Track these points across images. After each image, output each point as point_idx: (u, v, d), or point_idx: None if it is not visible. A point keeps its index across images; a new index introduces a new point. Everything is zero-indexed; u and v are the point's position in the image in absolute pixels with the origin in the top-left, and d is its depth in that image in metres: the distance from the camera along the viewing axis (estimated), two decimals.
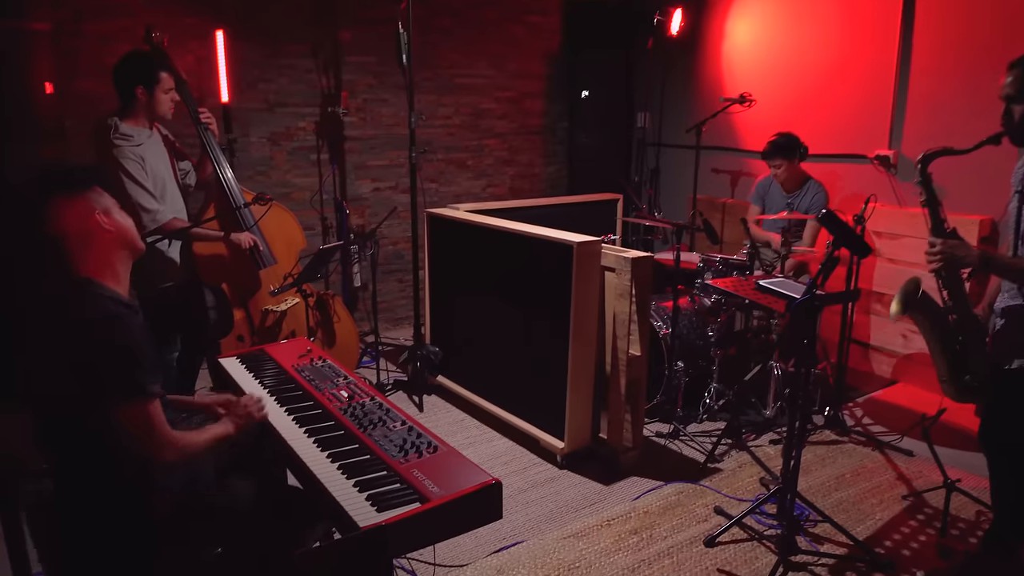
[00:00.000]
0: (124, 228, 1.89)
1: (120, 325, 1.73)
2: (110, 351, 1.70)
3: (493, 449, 3.76)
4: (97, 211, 1.82)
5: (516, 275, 3.72)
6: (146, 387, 1.74)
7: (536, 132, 6.42)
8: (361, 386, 2.41)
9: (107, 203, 1.87)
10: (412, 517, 1.64)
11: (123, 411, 1.72)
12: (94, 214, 1.81)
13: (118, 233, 1.86)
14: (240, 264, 3.69)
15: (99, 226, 1.81)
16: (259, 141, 5.12)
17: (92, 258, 1.82)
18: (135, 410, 1.73)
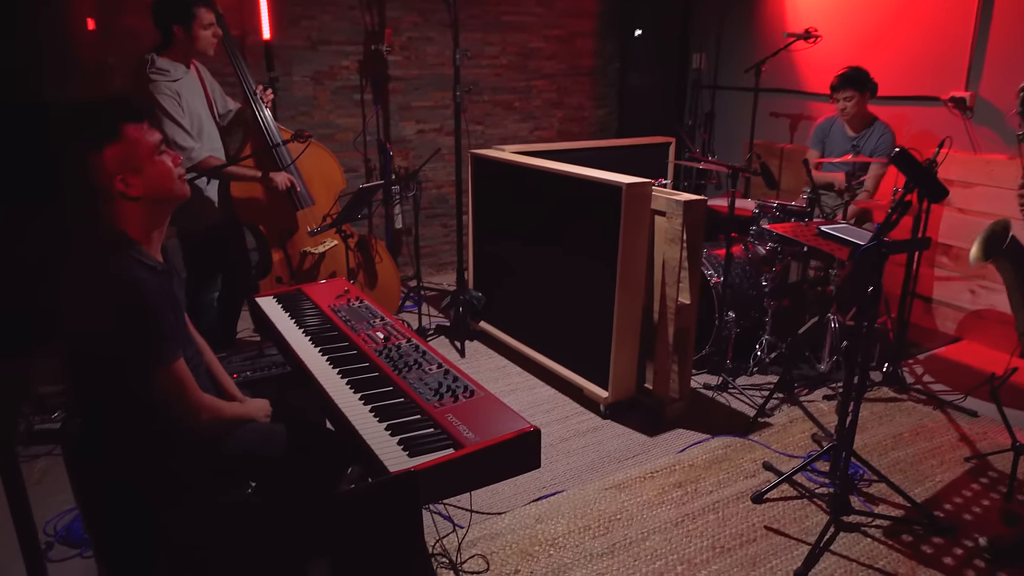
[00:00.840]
0: (155, 189, 1.72)
1: (140, 289, 1.63)
2: (130, 318, 1.63)
3: (535, 397, 3.68)
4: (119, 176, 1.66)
5: (562, 219, 3.58)
6: (164, 354, 1.67)
7: (586, 73, 6.18)
8: (398, 328, 2.33)
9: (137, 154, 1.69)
10: (445, 463, 1.56)
11: (149, 378, 1.67)
12: (115, 180, 1.67)
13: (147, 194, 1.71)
14: (277, 204, 3.63)
15: (122, 192, 1.68)
16: (302, 80, 5.01)
17: (120, 212, 1.72)
18: (158, 377, 1.68)
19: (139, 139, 1.70)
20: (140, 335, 1.64)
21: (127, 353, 1.64)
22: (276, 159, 3.58)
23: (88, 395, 1.77)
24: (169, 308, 1.71)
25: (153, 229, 1.79)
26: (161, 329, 1.66)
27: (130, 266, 1.67)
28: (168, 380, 1.69)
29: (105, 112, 1.67)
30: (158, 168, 1.73)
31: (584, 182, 3.37)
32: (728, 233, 3.68)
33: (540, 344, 3.88)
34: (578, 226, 3.47)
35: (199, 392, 1.76)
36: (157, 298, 1.67)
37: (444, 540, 2.51)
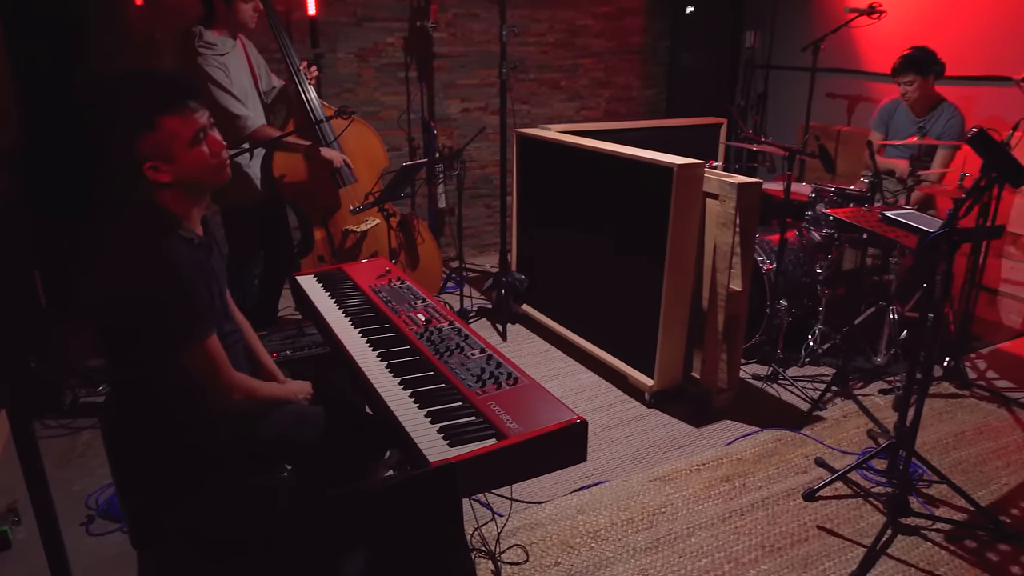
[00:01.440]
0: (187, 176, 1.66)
1: (174, 263, 1.60)
2: (163, 294, 1.59)
3: (578, 383, 3.59)
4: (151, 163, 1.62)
5: (610, 200, 3.47)
6: (198, 333, 1.63)
7: (635, 52, 6.01)
8: (440, 310, 2.26)
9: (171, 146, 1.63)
10: (486, 455, 1.49)
11: (181, 356, 1.63)
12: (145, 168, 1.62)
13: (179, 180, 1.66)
14: (319, 182, 3.58)
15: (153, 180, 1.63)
16: (346, 57, 4.96)
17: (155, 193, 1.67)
18: (191, 354, 1.63)
19: (175, 130, 1.63)
20: (171, 310, 1.60)
21: (158, 328, 1.60)
22: (320, 136, 3.53)
23: (121, 371, 1.73)
24: (204, 283, 1.67)
25: (192, 206, 1.75)
26: (193, 305, 1.62)
27: (167, 239, 1.63)
28: (199, 357, 1.64)
29: (141, 101, 1.61)
30: (193, 157, 1.66)
31: (633, 163, 3.25)
32: (782, 218, 3.53)
33: (584, 329, 3.78)
34: (626, 208, 3.36)
35: (232, 371, 1.72)
36: (191, 272, 1.63)
37: (483, 529, 2.44)
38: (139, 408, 1.73)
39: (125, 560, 2.25)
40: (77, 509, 2.67)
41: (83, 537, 2.53)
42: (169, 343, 1.61)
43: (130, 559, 1.87)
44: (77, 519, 2.62)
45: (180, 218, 1.70)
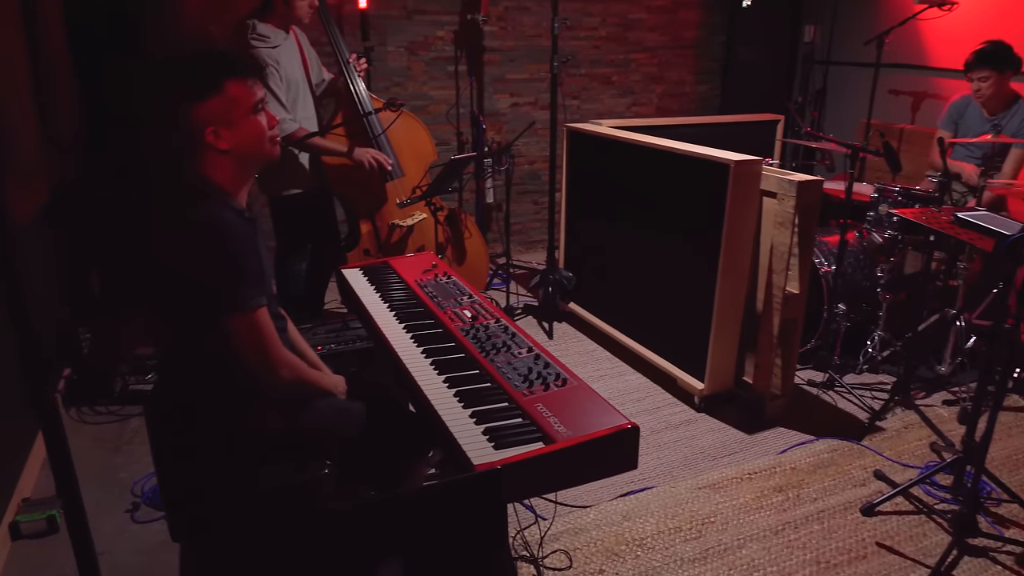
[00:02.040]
0: (244, 146, 1.68)
1: (228, 232, 1.59)
2: (214, 258, 1.58)
3: (625, 384, 3.50)
4: (211, 127, 1.63)
5: (662, 198, 3.37)
6: (247, 300, 1.60)
7: (689, 46, 5.87)
8: (486, 306, 2.20)
9: (233, 111, 1.65)
10: (533, 460, 1.42)
11: (228, 324, 1.59)
12: (207, 132, 1.63)
13: (235, 150, 1.67)
14: (368, 175, 3.55)
15: (212, 144, 1.64)
16: (396, 50, 4.93)
17: (209, 163, 1.67)
18: (239, 323, 1.60)
19: (238, 96, 1.66)
20: (221, 276, 1.58)
21: (207, 295, 1.58)
22: (368, 128, 3.51)
23: (168, 350, 1.71)
24: (253, 255, 1.65)
25: (241, 183, 1.74)
26: (243, 272, 1.60)
27: (218, 209, 1.63)
28: (247, 328, 1.60)
29: (210, 65, 1.65)
30: (252, 126, 1.69)
31: (687, 159, 3.15)
32: (843, 219, 3.38)
33: (632, 329, 3.69)
34: (679, 206, 3.26)
35: (280, 347, 1.67)
36: (242, 242, 1.61)
37: (525, 532, 2.38)
38: (183, 393, 1.71)
39: (168, 548, 2.25)
40: (123, 496, 2.69)
41: (128, 524, 2.54)
42: (216, 307, 1.59)
43: (173, 548, 1.86)
44: (123, 506, 2.64)
45: (230, 194, 1.69)
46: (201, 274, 1.57)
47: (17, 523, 2.48)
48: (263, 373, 1.64)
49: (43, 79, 3.41)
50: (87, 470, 2.86)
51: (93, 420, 3.21)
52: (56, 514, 2.53)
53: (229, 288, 1.58)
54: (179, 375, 1.72)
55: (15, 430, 2.74)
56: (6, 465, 2.62)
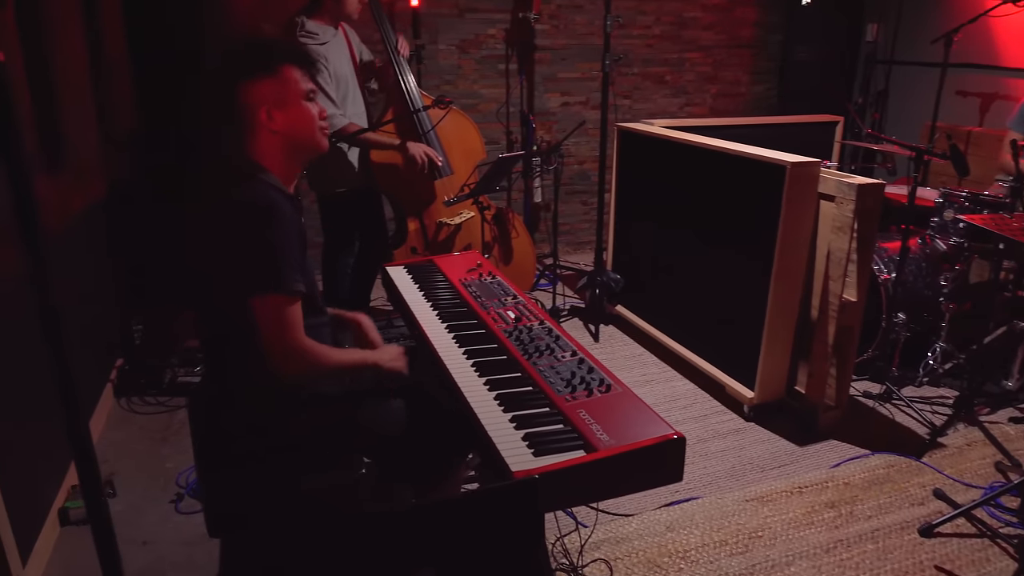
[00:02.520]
0: (295, 130, 1.70)
1: (274, 214, 1.60)
2: (259, 238, 1.58)
3: (672, 390, 3.42)
4: (266, 106, 1.66)
5: (714, 200, 3.29)
6: (284, 282, 1.58)
7: (745, 45, 5.73)
8: (530, 308, 2.16)
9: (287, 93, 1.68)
10: (573, 468, 1.37)
11: (258, 302, 1.58)
12: (260, 110, 1.66)
13: (286, 133, 1.69)
14: (416, 172, 3.54)
15: (264, 124, 1.67)
16: (447, 49, 4.93)
17: (261, 145, 1.70)
18: (269, 303, 1.58)
19: (293, 80, 1.70)
20: (261, 254, 1.58)
21: (245, 273, 1.58)
22: (417, 125, 3.50)
23: (209, 345, 1.72)
24: (296, 239, 1.65)
25: (289, 172, 1.76)
26: (284, 253, 1.59)
27: (264, 188, 1.65)
28: (274, 309, 1.58)
29: (268, 49, 1.71)
30: (304, 111, 1.72)
31: (741, 160, 3.06)
32: (904, 224, 3.24)
33: (680, 334, 3.61)
34: (732, 208, 3.17)
35: (301, 338, 1.62)
36: (288, 224, 1.62)
37: (565, 539, 2.33)
38: (224, 388, 1.71)
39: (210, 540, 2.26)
40: (169, 486, 2.72)
41: (172, 515, 2.57)
42: (251, 285, 1.58)
43: (214, 540, 1.86)
44: (168, 496, 2.67)
45: (278, 178, 1.71)
46: (241, 252, 1.58)
47: (66, 509, 2.53)
48: (278, 361, 1.61)
49: (102, 79, 3.49)
50: (135, 460, 2.91)
51: (143, 410, 3.27)
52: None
53: (268, 267, 1.57)
54: (220, 369, 1.72)
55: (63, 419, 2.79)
56: (57, 452, 2.67)
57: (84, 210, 3.21)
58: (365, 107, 3.50)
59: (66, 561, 2.38)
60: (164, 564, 2.35)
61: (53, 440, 2.64)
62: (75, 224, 3.06)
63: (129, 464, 2.88)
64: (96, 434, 3.08)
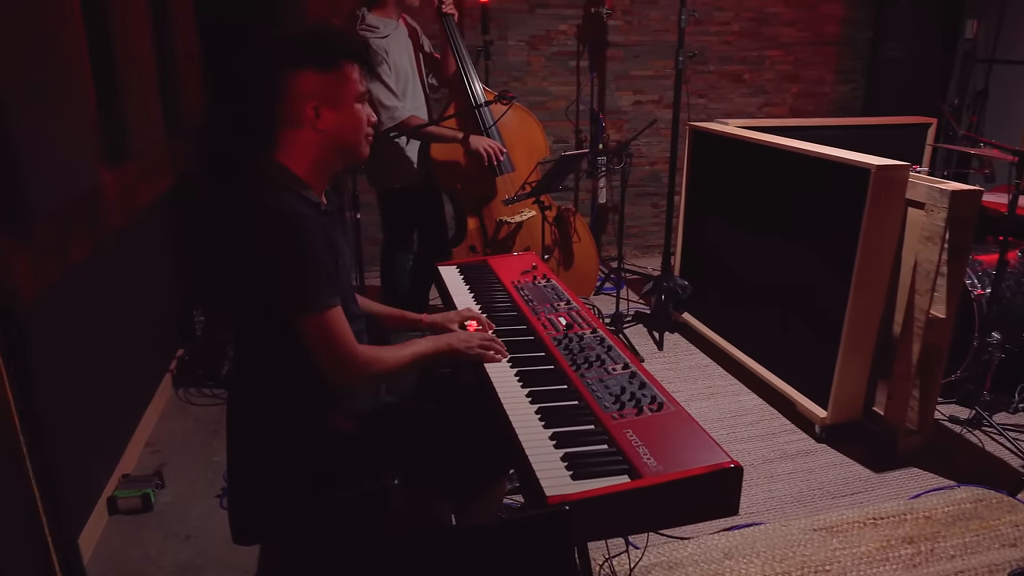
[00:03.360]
0: (342, 132, 1.59)
1: (298, 226, 1.48)
2: (286, 255, 1.47)
3: (738, 405, 3.23)
4: (314, 102, 1.54)
5: (791, 204, 3.08)
6: (317, 300, 1.49)
7: (830, 43, 5.43)
8: (584, 315, 2.03)
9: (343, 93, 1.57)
10: (614, 496, 1.24)
11: (297, 324, 1.50)
12: (308, 104, 1.54)
13: (332, 134, 1.58)
14: (476, 169, 3.45)
15: (310, 120, 1.55)
16: (517, 45, 4.83)
17: (298, 144, 1.58)
18: (308, 323, 1.50)
19: (352, 80, 1.58)
20: (289, 270, 1.47)
21: (274, 290, 1.49)
22: (479, 120, 3.41)
23: (242, 344, 1.65)
24: (327, 251, 1.54)
25: (319, 177, 1.63)
26: (312, 268, 1.49)
27: (290, 199, 1.53)
28: (317, 329, 1.50)
29: (332, 41, 1.58)
30: (355, 114, 1.60)
31: (821, 162, 2.85)
32: (1003, 235, 2.96)
33: (749, 345, 3.41)
34: (810, 214, 2.97)
35: (354, 347, 1.55)
36: (315, 238, 1.50)
37: (614, 560, 2.19)
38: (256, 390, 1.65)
39: None
40: (216, 480, 2.71)
41: (216, 510, 2.55)
42: (283, 304, 1.49)
43: None
44: (214, 490, 2.66)
45: (307, 184, 1.59)
46: (269, 267, 1.48)
47: (115, 498, 2.54)
48: (334, 375, 1.54)
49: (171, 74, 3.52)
50: (187, 451, 2.91)
51: (198, 401, 3.29)
52: (151, 492, 2.57)
53: (297, 285, 1.48)
54: (253, 371, 1.65)
55: (121, 408, 2.82)
56: (109, 443, 2.69)
57: (151, 202, 3.24)
58: (426, 102, 3.44)
59: (110, 550, 2.38)
60: (205, 560, 2.32)
61: (107, 428, 2.66)
62: (141, 215, 3.09)
63: (181, 455, 2.89)
64: (152, 423, 3.11)
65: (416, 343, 1.72)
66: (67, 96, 2.26)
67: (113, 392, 2.75)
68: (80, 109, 2.33)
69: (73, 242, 2.33)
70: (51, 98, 2.13)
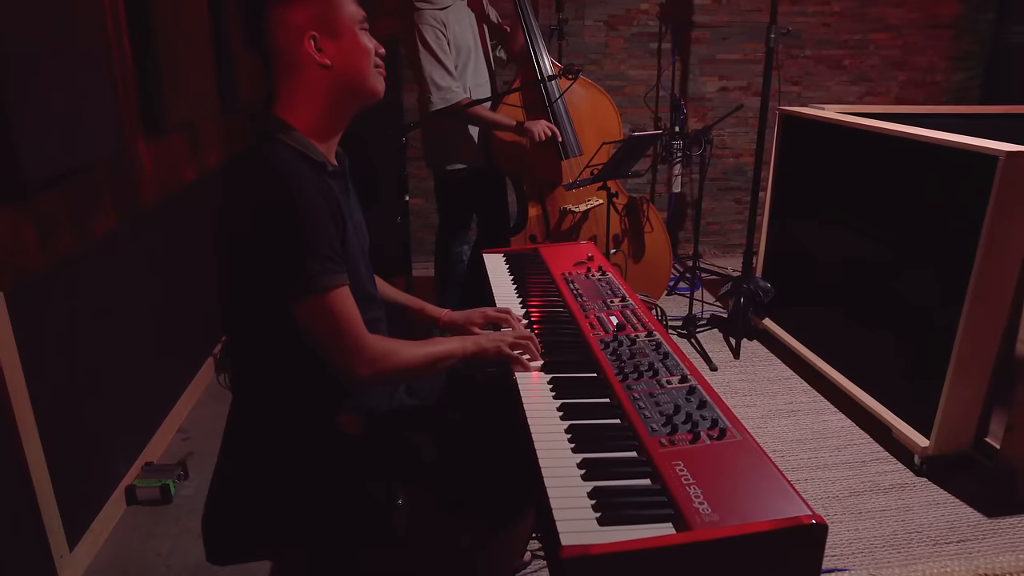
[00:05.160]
0: (350, 63, 1.33)
1: (291, 186, 1.22)
2: (272, 218, 1.22)
3: (822, 426, 2.85)
4: (312, 32, 1.29)
5: (895, 200, 2.68)
6: (316, 278, 1.23)
7: (944, 25, 4.88)
8: (641, 314, 1.73)
9: (337, 18, 1.32)
10: (652, 552, 0.95)
11: (294, 308, 1.25)
12: (305, 37, 1.29)
13: (340, 67, 1.32)
14: (541, 152, 3.18)
15: (311, 57, 1.30)
16: (594, 25, 4.52)
17: (301, 88, 1.33)
18: (308, 308, 1.24)
19: (341, 2, 1.33)
20: (284, 244, 1.22)
21: (267, 269, 1.24)
22: (544, 95, 3.13)
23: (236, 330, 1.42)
24: (331, 218, 1.27)
25: (328, 127, 1.37)
26: (314, 240, 1.23)
27: (286, 155, 1.27)
28: (318, 312, 1.25)
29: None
30: (358, 40, 1.34)
31: (935, 149, 2.45)
32: None
33: (838, 358, 3.01)
34: (917, 211, 2.56)
35: (363, 335, 1.30)
36: (314, 200, 1.24)
37: None
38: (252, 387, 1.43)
39: None
40: None
41: None
42: (278, 285, 1.24)
43: None
44: None
45: (309, 140, 1.34)
46: (257, 238, 1.23)
47: (134, 487, 2.39)
48: (337, 364, 1.29)
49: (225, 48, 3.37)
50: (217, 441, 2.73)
51: None
52: (171, 483, 2.41)
53: (292, 259, 1.22)
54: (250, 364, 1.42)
55: (151, 394, 2.68)
56: (135, 427, 2.55)
57: (197, 179, 3.11)
58: (490, 78, 3.19)
59: (122, 542, 2.23)
60: None
61: (132, 414, 2.52)
62: (184, 192, 2.95)
63: (211, 445, 2.70)
64: (188, 408, 2.97)
65: (439, 341, 1.46)
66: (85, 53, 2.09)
67: (146, 374, 2.61)
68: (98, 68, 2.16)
69: (91, 215, 2.18)
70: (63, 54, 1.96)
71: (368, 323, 1.35)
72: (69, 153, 1.95)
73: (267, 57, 1.33)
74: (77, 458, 2.13)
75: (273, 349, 1.35)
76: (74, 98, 1.98)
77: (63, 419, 2.04)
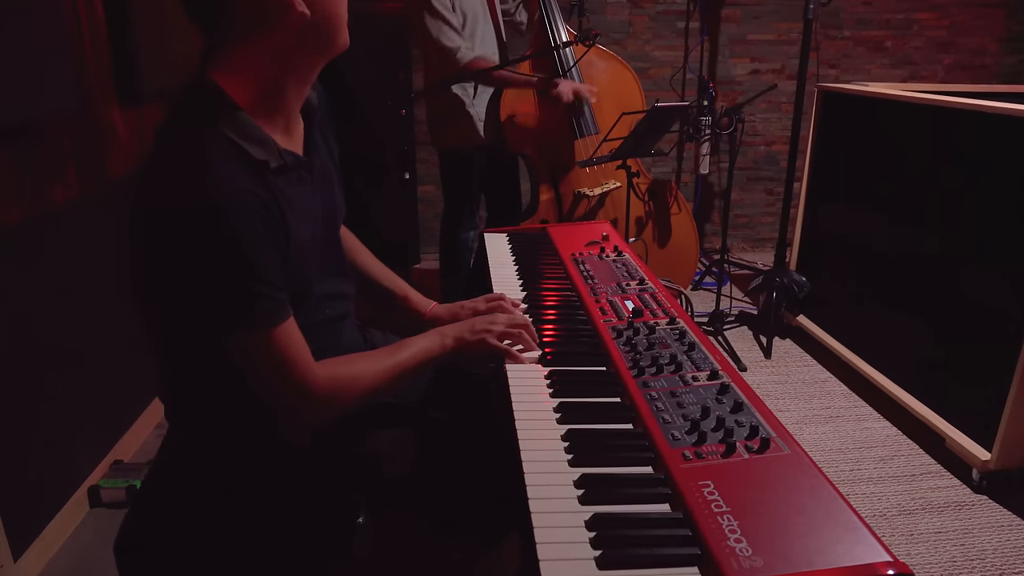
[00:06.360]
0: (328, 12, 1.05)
1: (230, 212, 0.95)
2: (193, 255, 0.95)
3: (865, 434, 2.55)
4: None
5: (946, 185, 2.39)
6: (255, 313, 0.98)
7: (995, 3, 4.54)
8: (662, 298, 1.46)
9: None
10: None
11: (228, 344, 1.00)
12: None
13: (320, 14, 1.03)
14: (554, 129, 2.91)
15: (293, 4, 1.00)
16: (617, 2, 4.25)
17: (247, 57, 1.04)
18: (244, 346, 1.00)
19: None
20: (217, 280, 0.97)
21: (197, 303, 0.99)
22: (558, 65, 2.87)
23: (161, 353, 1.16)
24: (270, 235, 1.00)
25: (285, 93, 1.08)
26: (249, 265, 0.97)
27: (221, 163, 0.97)
28: (253, 351, 1.00)
29: None
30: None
31: (997, 120, 2.15)
32: None
33: (882, 359, 2.71)
34: (974, 197, 2.27)
35: (306, 367, 1.04)
36: (246, 227, 0.96)
37: None
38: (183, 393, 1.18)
39: None
40: None
41: None
42: (211, 326, 1.00)
43: None
44: None
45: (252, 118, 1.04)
46: (186, 273, 0.96)
47: (98, 488, 2.17)
48: (283, 410, 1.06)
49: None
50: None
51: None
52: (138, 484, 2.18)
53: (221, 297, 0.97)
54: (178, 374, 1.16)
55: (123, 386, 2.44)
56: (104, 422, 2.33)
57: None
58: (500, 50, 2.93)
59: (82, 548, 2.01)
60: None
61: (100, 407, 2.29)
62: None
63: None
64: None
65: (408, 345, 1.21)
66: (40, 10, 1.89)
67: (118, 364, 2.38)
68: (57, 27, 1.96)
69: (49, 181, 1.96)
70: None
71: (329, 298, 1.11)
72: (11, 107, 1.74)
73: (217, 5, 1.05)
74: (27, 455, 1.91)
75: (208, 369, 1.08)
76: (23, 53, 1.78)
77: (11, 410, 1.82)
